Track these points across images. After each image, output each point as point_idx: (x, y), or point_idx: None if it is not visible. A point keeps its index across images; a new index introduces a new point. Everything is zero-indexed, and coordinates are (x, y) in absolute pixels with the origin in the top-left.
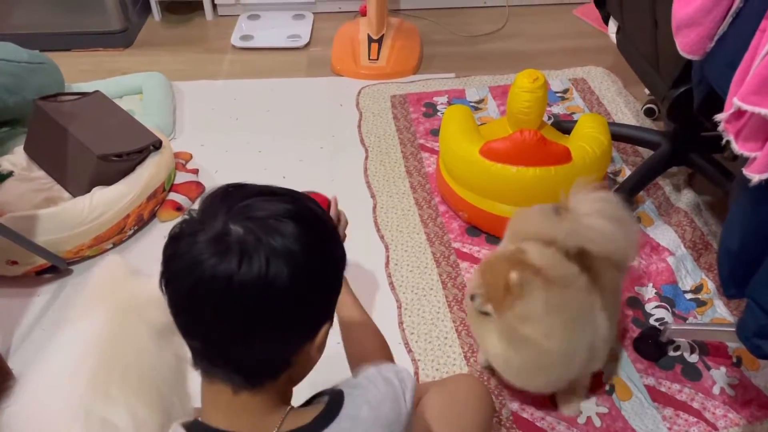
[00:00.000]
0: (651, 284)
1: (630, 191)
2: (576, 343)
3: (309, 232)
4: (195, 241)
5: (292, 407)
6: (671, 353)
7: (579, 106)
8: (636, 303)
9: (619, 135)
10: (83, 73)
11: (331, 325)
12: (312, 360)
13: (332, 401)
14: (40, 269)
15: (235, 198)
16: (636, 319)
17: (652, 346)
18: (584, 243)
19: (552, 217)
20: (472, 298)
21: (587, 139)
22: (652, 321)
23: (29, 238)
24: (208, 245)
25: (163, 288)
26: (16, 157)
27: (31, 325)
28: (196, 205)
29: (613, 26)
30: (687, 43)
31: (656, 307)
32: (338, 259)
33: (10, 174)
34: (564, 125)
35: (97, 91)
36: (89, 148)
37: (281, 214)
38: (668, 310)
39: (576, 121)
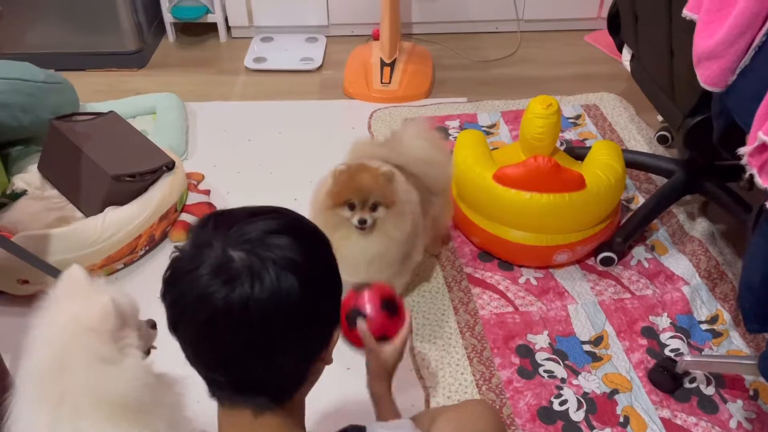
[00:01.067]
0: (666, 314)
1: (643, 219)
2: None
3: (304, 241)
4: (197, 276)
5: None
6: (687, 385)
7: (591, 132)
8: (650, 333)
9: (633, 162)
10: (98, 93)
11: (339, 327)
12: (324, 365)
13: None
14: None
15: (225, 224)
16: (650, 349)
17: (668, 378)
18: (404, 161)
19: (380, 142)
20: (363, 222)
21: (601, 166)
22: (667, 351)
23: (41, 257)
24: (213, 277)
25: (172, 332)
26: (30, 176)
27: None
28: (181, 243)
29: (627, 54)
30: (708, 76)
31: (671, 337)
32: (335, 261)
33: (23, 193)
34: (577, 151)
35: (111, 112)
36: (103, 168)
37: (274, 230)
38: (683, 341)
39: (589, 148)
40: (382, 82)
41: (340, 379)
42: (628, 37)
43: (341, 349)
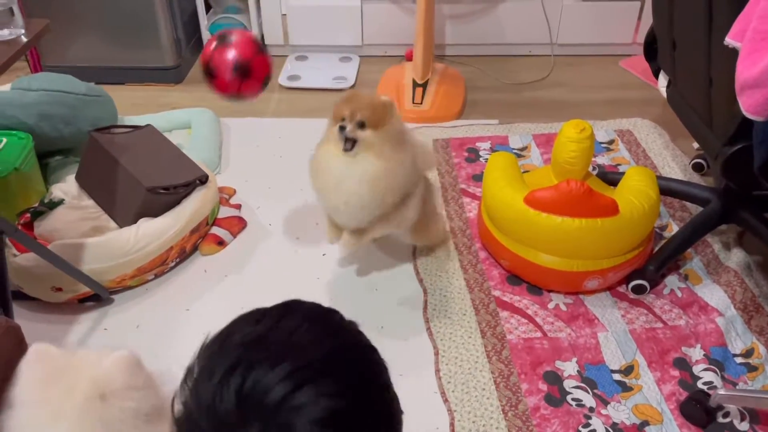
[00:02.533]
0: (699, 345)
1: (677, 248)
2: (413, 176)
3: (341, 376)
4: None
5: None
6: (720, 419)
7: (624, 157)
8: (683, 364)
9: (667, 189)
10: (136, 107)
11: None
12: None
13: None
14: (83, 297)
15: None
16: (683, 381)
17: (700, 411)
18: None
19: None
20: (342, 128)
21: (635, 192)
22: (699, 384)
23: (75, 265)
24: None
25: None
26: (68, 186)
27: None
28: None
29: (663, 80)
30: (752, 104)
31: (704, 369)
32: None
33: (61, 202)
34: (610, 177)
35: (148, 125)
36: (138, 180)
37: (296, 384)
38: (717, 374)
39: (622, 173)
40: (414, 103)
41: None
42: (665, 63)
43: None
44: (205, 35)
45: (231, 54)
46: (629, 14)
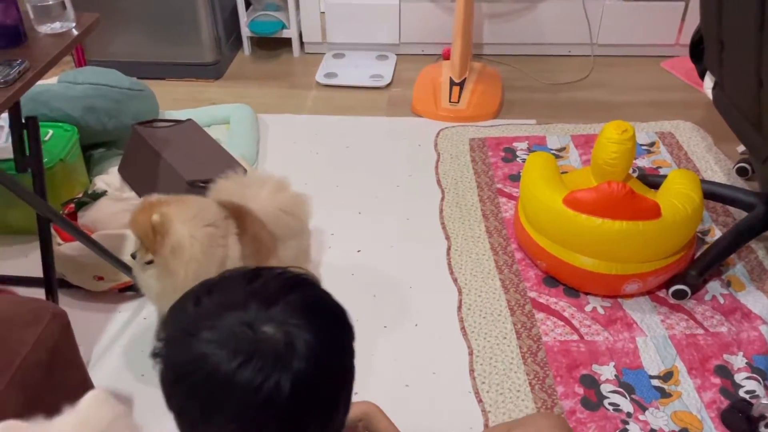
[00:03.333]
0: (741, 353)
1: (720, 253)
2: (208, 269)
3: (324, 326)
4: (206, 346)
5: None
6: (762, 429)
7: (666, 160)
8: (724, 372)
9: (711, 193)
10: (176, 102)
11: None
12: None
13: None
14: (123, 287)
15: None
16: (724, 389)
17: (742, 421)
18: (256, 207)
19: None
20: (133, 256)
21: (678, 195)
22: (741, 393)
23: (117, 255)
24: (232, 354)
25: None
26: (110, 178)
27: (111, 340)
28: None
29: (709, 82)
30: None
31: (747, 378)
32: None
33: (103, 193)
34: (651, 179)
35: (189, 119)
36: (179, 173)
37: (297, 310)
38: (760, 383)
39: (664, 176)
40: (450, 101)
41: None
42: (712, 64)
43: None
44: (245, 32)
45: None
46: (673, 15)
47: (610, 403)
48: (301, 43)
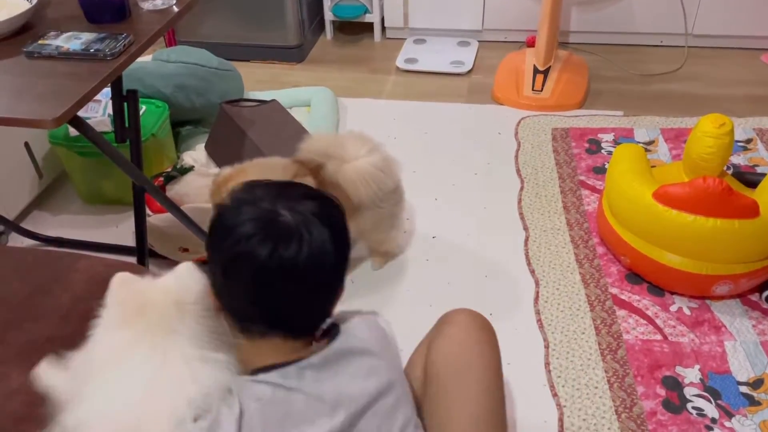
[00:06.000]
0: None
1: None
2: None
3: (327, 203)
4: (244, 231)
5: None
6: None
7: (764, 158)
8: None
9: None
10: (260, 83)
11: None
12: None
13: (333, 326)
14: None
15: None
16: None
17: None
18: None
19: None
20: None
21: None
22: None
23: (203, 228)
24: (264, 236)
25: (222, 277)
26: (197, 154)
27: None
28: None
29: None
30: None
31: None
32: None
33: (191, 168)
34: (747, 177)
35: (274, 100)
36: (263, 152)
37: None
38: None
39: (762, 175)
40: (533, 90)
41: None
42: None
43: None
44: (328, 16)
45: None
46: None
47: (693, 407)
48: (383, 28)
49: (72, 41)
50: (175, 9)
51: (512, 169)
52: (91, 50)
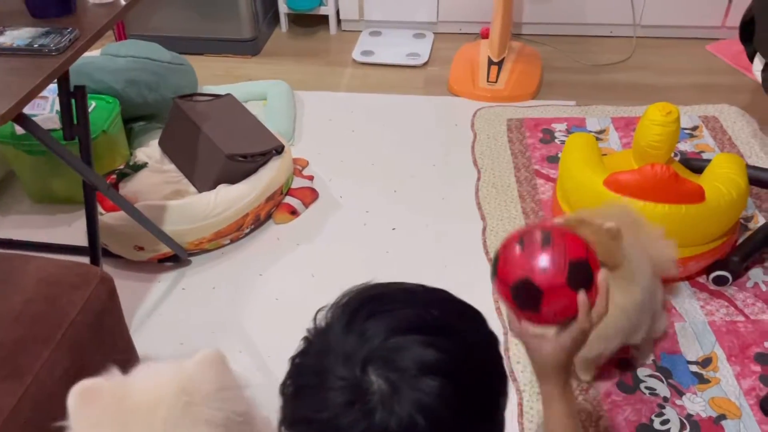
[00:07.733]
0: None
1: (764, 240)
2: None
3: (458, 387)
4: (327, 398)
5: None
6: None
7: (709, 145)
8: (765, 359)
9: (756, 179)
10: (214, 77)
11: None
12: None
13: None
14: (163, 257)
15: (375, 330)
16: (764, 377)
17: None
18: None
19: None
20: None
21: (723, 179)
22: None
23: (158, 226)
24: (348, 405)
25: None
26: (151, 150)
27: (150, 309)
28: (320, 320)
29: (759, 63)
30: None
31: None
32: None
33: (144, 165)
34: (693, 163)
35: (228, 94)
36: (219, 147)
37: (428, 367)
38: None
39: (707, 161)
40: (488, 81)
41: None
42: (763, 45)
43: None
44: (282, 8)
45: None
46: None
47: (646, 387)
48: (338, 21)
49: (15, 37)
50: (123, 2)
51: (469, 160)
52: (36, 45)
